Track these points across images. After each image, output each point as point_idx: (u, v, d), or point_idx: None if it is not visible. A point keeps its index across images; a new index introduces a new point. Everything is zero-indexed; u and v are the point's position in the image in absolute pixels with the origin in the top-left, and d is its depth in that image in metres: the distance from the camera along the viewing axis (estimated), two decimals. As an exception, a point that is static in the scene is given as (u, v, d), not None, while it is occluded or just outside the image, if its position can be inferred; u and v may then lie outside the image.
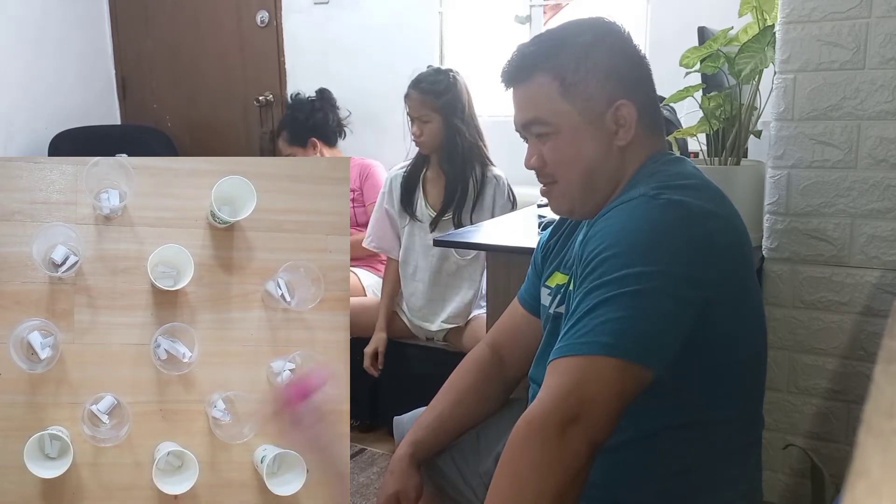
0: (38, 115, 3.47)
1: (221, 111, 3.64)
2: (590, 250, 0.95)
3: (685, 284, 0.91)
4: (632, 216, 0.95)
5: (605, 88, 1.02)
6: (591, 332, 0.89)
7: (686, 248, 0.93)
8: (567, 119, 1.02)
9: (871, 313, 1.43)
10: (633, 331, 0.88)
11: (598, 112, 1.02)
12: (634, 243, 0.93)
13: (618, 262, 0.91)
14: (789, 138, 1.44)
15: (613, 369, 0.87)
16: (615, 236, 0.94)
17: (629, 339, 0.88)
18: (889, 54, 1.34)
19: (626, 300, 0.89)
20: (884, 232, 1.40)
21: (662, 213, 0.94)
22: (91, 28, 3.73)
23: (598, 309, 0.89)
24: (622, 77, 1.03)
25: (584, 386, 0.86)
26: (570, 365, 0.88)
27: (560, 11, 3.18)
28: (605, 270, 0.92)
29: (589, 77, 1.02)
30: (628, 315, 0.88)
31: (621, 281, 0.90)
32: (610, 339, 0.87)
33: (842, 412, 1.49)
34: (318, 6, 3.34)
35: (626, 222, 0.95)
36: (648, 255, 0.91)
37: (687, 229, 0.94)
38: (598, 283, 0.91)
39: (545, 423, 0.86)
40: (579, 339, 0.89)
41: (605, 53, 1.04)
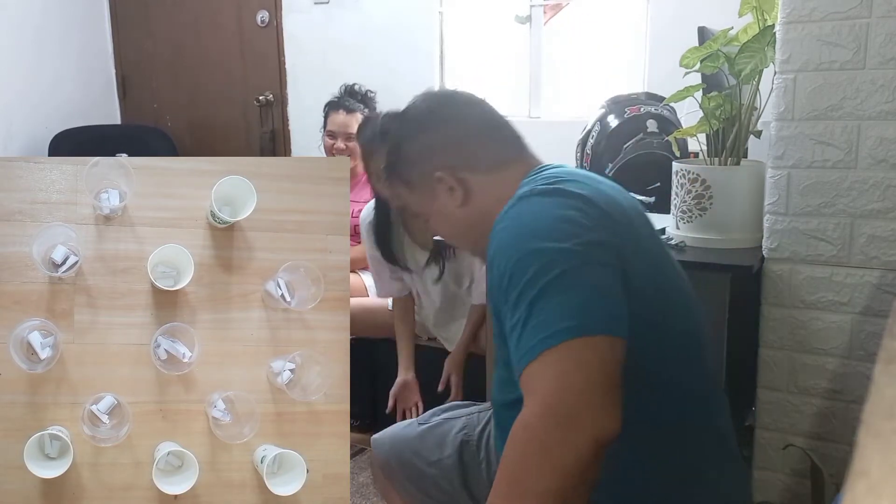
0: (38, 115, 3.47)
1: (221, 111, 3.65)
2: (494, 274, 0.96)
3: (597, 249, 0.92)
4: (512, 222, 0.98)
5: (422, 173, 1.14)
6: (543, 326, 0.85)
7: (579, 218, 0.94)
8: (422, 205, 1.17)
9: (871, 313, 1.43)
10: (582, 307, 0.86)
11: (431, 191, 1.14)
12: (528, 238, 0.93)
13: (524, 262, 0.90)
14: (789, 138, 1.44)
15: (584, 348, 0.84)
16: (506, 247, 0.95)
17: (583, 316, 0.85)
18: (889, 54, 1.34)
19: (557, 284, 0.87)
20: (884, 232, 1.40)
21: (540, 202, 0.97)
22: (91, 28, 3.73)
23: (536, 307, 0.87)
24: (430, 152, 1.14)
25: (567, 376, 0.83)
26: (541, 365, 0.85)
27: (560, 11, 3.18)
28: (517, 277, 0.90)
29: (412, 171, 1.16)
30: (568, 296, 0.86)
31: (540, 273, 0.88)
32: (567, 323, 0.84)
33: (842, 412, 1.49)
34: (318, 6, 3.34)
35: (510, 229, 0.97)
36: (549, 240, 0.91)
37: (570, 201, 0.96)
38: (519, 289, 0.89)
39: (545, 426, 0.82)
40: (536, 340, 0.86)
41: (411, 145, 1.16)
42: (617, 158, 1.87)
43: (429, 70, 3.19)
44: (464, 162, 1.12)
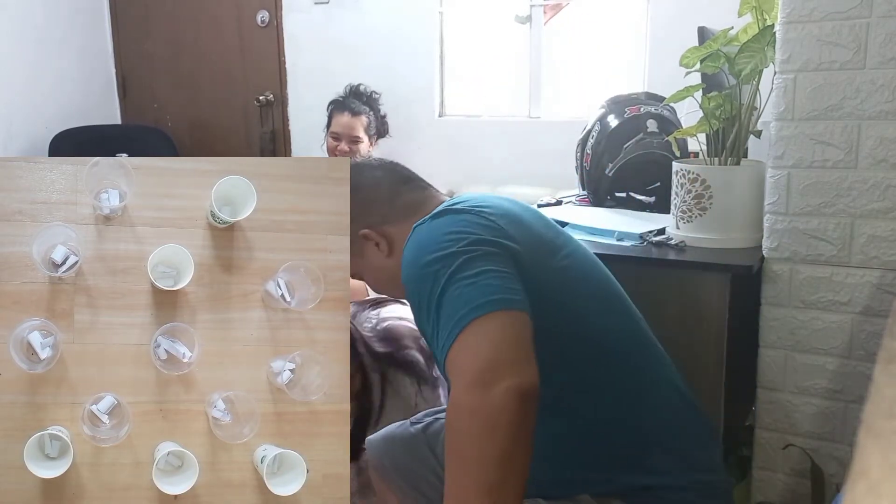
0: (38, 115, 3.47)
1: (221, 111, 3.65)
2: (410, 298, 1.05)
3: (482, 244, 0.99)
4: (408, 250, 1.07)
5: (352, 236, 1.29)
6: (450, 317, 0.93)
7: (462, 228, 1.02)
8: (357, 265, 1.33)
9: (871, 313, 1.43)
10: (478, 291, 0.93)
11: (361, 249, 1.28)
12: (421, 256, 1.01)
13: (421, 277, 0.99)
14: (789, 138, 1.44)
15: (489, 324, 0.90)
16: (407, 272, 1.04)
17: (480, 297, 0.92)
18: (889, 54, 1.34)
19: (451, 282, 0.95)
20: (884, 232, 1.40)
21: (430, 225, 1.06)
22: (91, 28, 3.73)
23: (441, 309, 0.94)
24: (352, 218, 1.29)
25: (478, 350, 0.89)
26: (455, 351, 0.91)
27: (560, 11, 3.18)
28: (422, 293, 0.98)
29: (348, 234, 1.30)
30: (464, 287, 0.94)
31: (436, 280, 0.96)
32: (469, 308, 0.91)
33: (841, 412, 1.49)
34: (318, 6, 3.34)
35: (407, 257, 1.06)
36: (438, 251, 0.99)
37: (453, 216, 1.05)
38: (426, 301, 0.97)
39: (467, 394, 0.87)
40: (447, 329, 0.92)
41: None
42: (617, 158, 1.87)
43: (429, 70, 3.19)
44: (381, 217, 1.25)
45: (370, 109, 2.89)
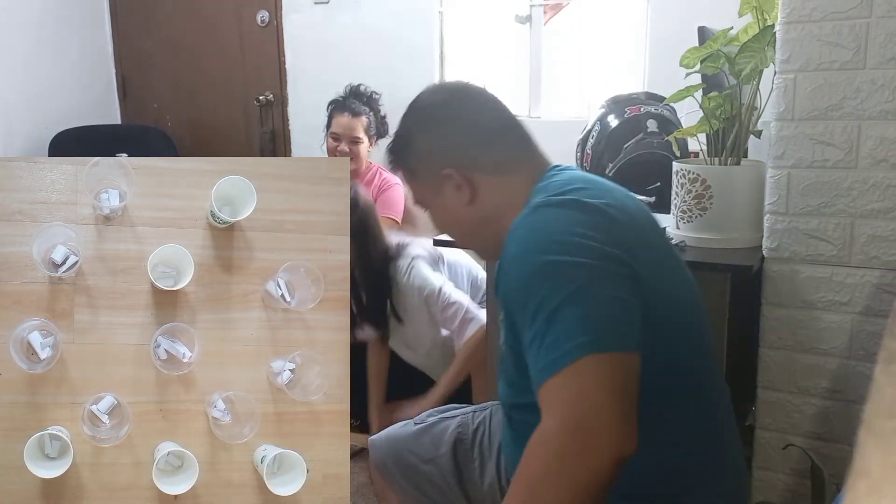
0: (38, 115, 3.46)
1: (221, 111, 3.64)
2: (506, 283, 0.98)
3: (612, 263, 0.93)
4: (528, 232, 0.98)
5: (430, 167, 1.15)
6: (562, 341, 0.87)
7: (593, 232, 0.94)
8: (425, 197, 1.19)
9: (872, 313, 1.43)
10: (600, 322, 0.87)
11: (436, 185, 1.15)
12: (544, 251, 0.94)
13: (540, 275, 0.92)
14: (789, 138, 1.44)
15: (603, 365, 0.85)
16: (522, 257, 0.96)
17: (602, 331, 0.87)
18: (889, 54, 1.34)
19: (573, 300, 0.88)
20: (884, 232, 1.40)
21: (555, 213, 0.98)
22: (91, 28, 3.73)
23: (554, 322, 0.88)
24: (439, 149, 1.15)
25: (585, 393, 0.84)
26: (559, 381, 0.86)
27: (560, 11, 3.18)
28: (534, 289, 0.92)
29: (419, 163, 1.17)
30: (585, 311, 0.88)
31: (556, 288, 0.90)
32: (584, 339, 0.86)
33: (842, 412, 1.48)
34: (318, 6, 3.34)
35: (526, 240, 0.97)
36: (564, 254, 0.92)
37: (585, 215, 0.97)
38: (537, 301, 0.91)
39: (562, 435, 0.83)
40: (555, 354, 0.87)
41: (422, 138, 1.17)
42: (617, 158, 1.87)
43: (429, 70, 3.18)
44: (473, 162, 1.12)
45: (370, 110, 2.88)
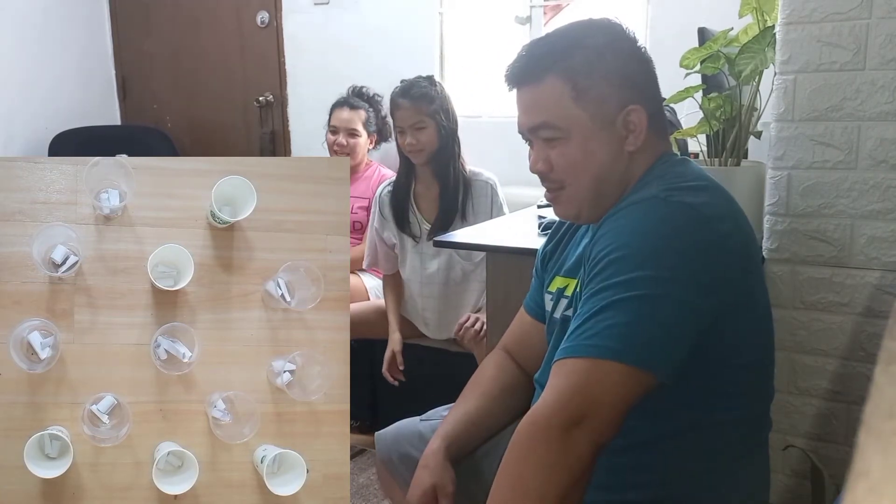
0: (38, 115, 3.46)
1: (221, 111, 3.64)
2: (598, 251, 0.95)
3: (694, 291, 0.91)
4: (642, 218, 0.95)
5: (616, 93, 1.01)
6: (598, 335, 0.88)
7: (696, 254, 0.93)
8: (578, 124, 1.01)
9: (872, 314, 1.43)
10: (641, 337, 0.88)
11: (610, 117, 1.01)
12: (644, 246, 0.92)
13: (627, 264, 0.91)
14: (789, 139, 1.44)
15: (619, 374, 0.87)
16: (625, 237, 0.93)
17: (636, 346, 0.88)
18: (889, 55, 1.34)
19: (634, 305, 0.89)
20: (884, 233, 1.40)
21: (673, 217, 0.94)
22: (91, 28, 3.73)
23: (606, 311, 0.89)
24: (633, 82, 1.03)
25: (590, 388, 0.87)
26: (576, 366, 0.88)
27: (560, 12, 3.18)
28: (613, 272, 0.91)
29: (602, 82, 1.01)
30: (635, 320, 0.88)
31: (630, 284, 0.89)
32: (617, 345, 0.87)
33: (842, 413, 1.48)
34: (318, 6, 3.34)
35: (637, 224, 0.94)
36: (658, 260, 0.90)
37: (698, 233, 0.94)
38: (606, 284, 0.91)
39: (549, 423, 0.86)
40: (586, 341, 0.89)
41: (617, 57, 1.03)
42: (617, 159, 1.87)
43: (429, 70, 3.18)
44: (656, 112, 1.05)
45: (370, 106, 2.90)
